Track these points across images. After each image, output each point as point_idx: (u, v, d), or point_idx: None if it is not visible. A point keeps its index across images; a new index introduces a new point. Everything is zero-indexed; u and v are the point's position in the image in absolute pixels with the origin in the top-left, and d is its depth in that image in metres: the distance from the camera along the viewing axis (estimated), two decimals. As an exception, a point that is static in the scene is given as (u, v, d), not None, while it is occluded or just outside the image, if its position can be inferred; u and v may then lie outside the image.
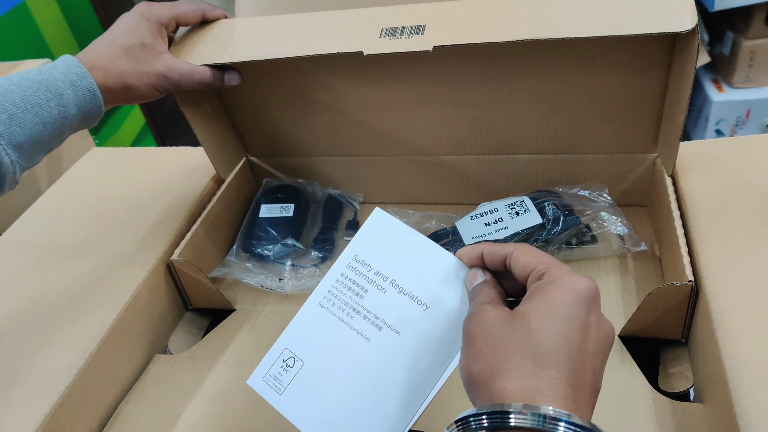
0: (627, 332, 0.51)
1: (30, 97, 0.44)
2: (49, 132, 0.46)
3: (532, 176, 0.63)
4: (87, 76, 0.47)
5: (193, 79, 0.53)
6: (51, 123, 0.45)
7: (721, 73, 1.51)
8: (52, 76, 0.46)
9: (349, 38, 0.52)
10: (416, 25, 0.50)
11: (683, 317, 0.49)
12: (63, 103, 0.46)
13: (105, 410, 0.52)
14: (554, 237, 0.57)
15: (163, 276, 0.59)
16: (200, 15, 0.57)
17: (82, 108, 0.47)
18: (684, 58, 0.48)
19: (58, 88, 0.46)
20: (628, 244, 0.57)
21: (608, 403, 0.47)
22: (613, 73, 0.54)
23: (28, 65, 0.85)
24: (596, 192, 0.59)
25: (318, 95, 0.62)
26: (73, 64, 0.47)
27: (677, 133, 0.52)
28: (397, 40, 0.50)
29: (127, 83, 0.50)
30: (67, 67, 0.47)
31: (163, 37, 0.54)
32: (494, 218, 0.58)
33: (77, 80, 0.47)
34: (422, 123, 0.62)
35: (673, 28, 0.45)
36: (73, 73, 0.47)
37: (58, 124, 0.46)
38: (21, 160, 0.45)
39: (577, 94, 0.56)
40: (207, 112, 0.63)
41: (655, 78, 0.54)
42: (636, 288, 0.56)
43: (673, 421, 0.45)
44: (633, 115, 0.57)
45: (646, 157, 0.60)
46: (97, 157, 0.78)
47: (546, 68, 0.55)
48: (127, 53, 0.50)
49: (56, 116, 0.46)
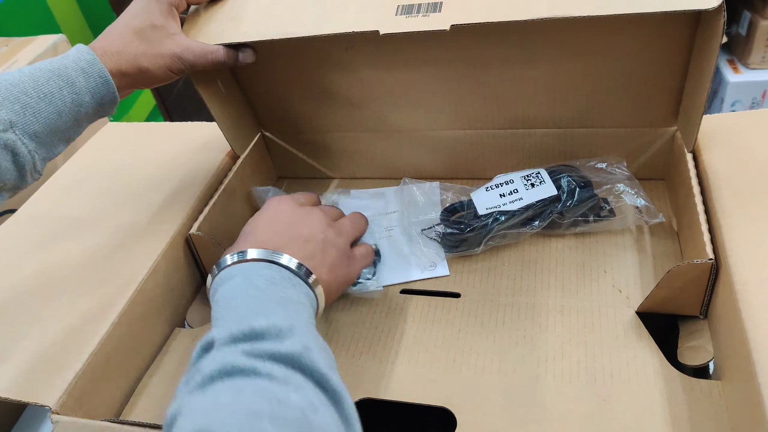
0: (645, 308, 0.51)
1: (42, 87, 0.44)
2: (65, 121, 0.46)
3: (549, 150, 0.63)
4: (97, 62, 0.47)
5: (207, 59, 0.53)
6: (66, 111, 0.46)
7: (737, 53, 1.49)
8: (63, 64, 0.46)
9: (365, 16, 0.51)
10: (433, 2, 0.50)
11: (702, 294, 0.49)
12: (76, 91, 0.46)
13: (128, 382, 0.53)
14: (569, 209, 0.57)
15: (182, 249, 0.59)
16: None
17: (95, 95, 0.47)
18: (708, 36, 0.48)
19: (70, 76, 0.46)
20: (645, 216, 0.57)
21: (625, 379, 0.47)
22: (634, 49, 0.53)
23: (42, 41, 0.85)
24: (614, 165, 0.59)
25: (333, 71, 0.62)
26: (83, 52, 0.47)
27: (699, 111, 0.51)
28: (414, 18, 0.49)
29: (141, 66, 0.50)
30: (77, 55, 0.47)
31: (175, 17, 0.53)
32: (509, 189, 0.58)
33: (88, 67, 0.47)
34: (438, 99, 0.62)
35: (699, 5, 0.43)
36: (83, 60, 0.47)
37: (73, 112, 0.46)
38: (40, 150, 0.45)
39: (596, 70, 0.56)
40: (220, 90, 0.63)
41: (677, 53, 0.53)
42: (653, 263, 0.55)
43: (690, 397, 0.45)
44: (653, 89, 0.56)
45: (665, 131, 0.59)
46: (112, 133, 0.78)
47: (564, 45, 0.54)
48: (139, 36, 0.50)
49: (70, 104, 0.46)
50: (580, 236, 0.59)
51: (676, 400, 0.45)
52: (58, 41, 0.85)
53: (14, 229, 0.64)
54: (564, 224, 0.58)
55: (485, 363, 0.50)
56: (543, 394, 0.47)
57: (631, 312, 0.52)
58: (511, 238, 0.59)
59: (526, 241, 0.60)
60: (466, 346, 0.51)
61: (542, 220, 0.58)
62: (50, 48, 0.83)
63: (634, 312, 0.52)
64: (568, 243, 0.59)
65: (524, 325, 0.52)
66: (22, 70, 0.45)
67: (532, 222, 0.58)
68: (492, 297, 0.55)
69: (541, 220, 0.58)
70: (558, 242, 0.59)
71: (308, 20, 0.52)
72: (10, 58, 0.82)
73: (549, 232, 0.59)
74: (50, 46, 0.83)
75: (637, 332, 0.50)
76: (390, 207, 0.67)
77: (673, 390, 0.45)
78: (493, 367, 0.50)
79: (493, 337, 0.52)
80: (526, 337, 0.51)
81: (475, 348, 0.51)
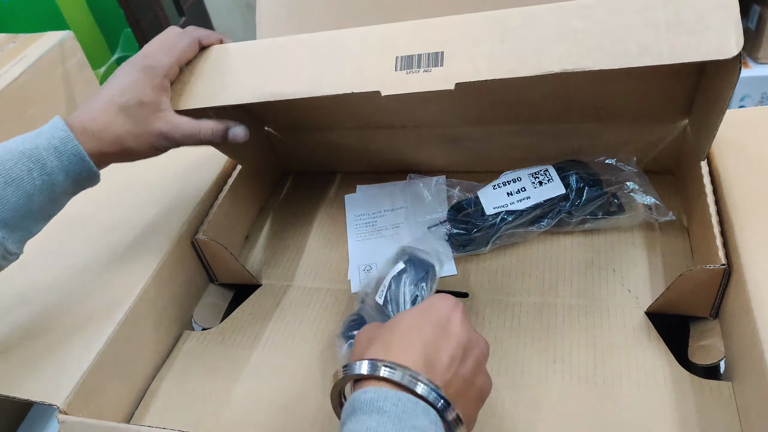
0: (654, 310, 0.51)
1: (10, 171, 0.42)
2: (37, 203, 0.43)
3: (557, 145, 0.62)
4: (71, 139, 0.43)
5: (195, 139, 0.49)
6: (37, 194, 0.43)
7: (747, 48, 1.47)
8: (35, 144, 0.43)
9: (364, 70, 0.47)
10: (433, 52, 0.46)
11: (713, 298, 0.48)
12: (47, 172, 0.43)
13: (137, 382, 0.53)
14: (578, 207, 0.57)
15: (188, 250, 0.59)
16: (197, 46, 0.51)
17: (70, 173, 0.44)
18: (724, 74, 0.44)
19: (41, 156, 0.43)
20: (655, 214, 0.56)
21: (635, 380, 0.46)
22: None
23: (49, 37, 0.84)
24: (623, 161, 0.58)
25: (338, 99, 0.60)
26: (58, 128, 0.44)
27: (712, 134, 0.49)
28: (415, 74, 0.46)
29: (124, 146, 0.47)
30: (51, 131, 0.44)
31: (165, 90, 0.49)
32: (517, 188, 0.58)
33: (61, 145, 0.43)
34: (446, 98, 0.61)
35: (715, 55, 0.39)
36: (56, 138, 0.43)
37: (47, 192, 0.43)
38: (12, 235, 0.43)
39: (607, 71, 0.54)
40: None
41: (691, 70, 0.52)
42: (663, 262, 0.55)
43: (700, 398, 0.44)
44: (665, 83, 0.55)
45: (676, 125, 0.58)
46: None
47: None
48: (124, 113, 0.46)
49: (41, 186, 0.43)
50: (588, 233, 0.59)
51: (685, 402, 0.44)
52: (65, 38, 0.85)
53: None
54: (572, 222, 0.58)
55: (493, 363, 0.49)
56: (551, 394, 0.47)
57: (640, 312, 0.51)
58: (519, 237, 0.59)
59: (534, 239, 0.59)
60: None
61: (550, 219, 0.57)
62: (57, 44, 0.83)
63: (644, 312, 0.51)
64: (577, 240, 0.58)
65: (533, 326, 0.52)
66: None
67: (540, 221, 0.58)
68: (500, 296, 0.55)
69: (549, 219, 0.57)
70: (566, 240, 0.59)
71: (305, 78, 0.48)
72: (18, 54, 0.81)
73: (557, 230, 0.59)
74: (58, 42, 0.83)
75: (647, 333, 0.49)
76: (396, 203, 0.66)
77: (683, 391, 0.45)
78: (501, 368, 0.49)
79: (501, 337, 0.51)
80: (534, 337, 0.51)
81: (482, 348, 0.50)
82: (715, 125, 0.47)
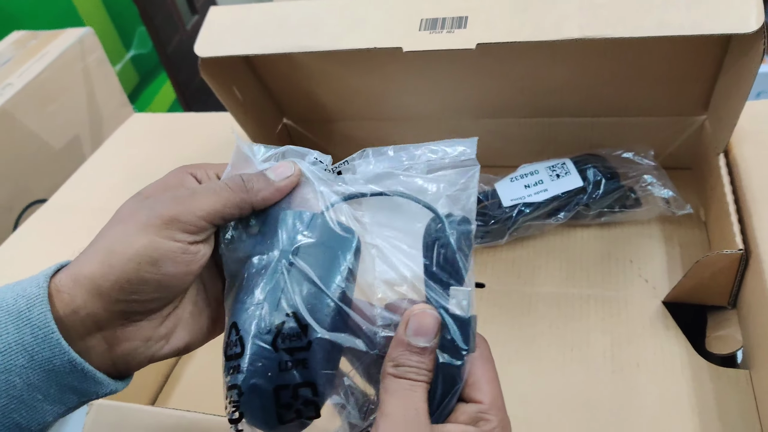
0: (672, 298, 0.51)
1: None
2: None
3: (575, 139, 0.62)
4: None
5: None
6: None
7: (763, 43, 1.46)
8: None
9: (388, 29, 0.49)
10: (458, 16, 0.48)
11: (731, 284, 0.48)
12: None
13: (161, 369, 0.54)
14: (595, 200, 0.57)
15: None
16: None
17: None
18: (746, 55, 0.45)
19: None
20: (673, 207, 0.57)
21: (653, 370, 0.47)
22: (667, 49, 0.52)
23: (69, 34, 0.86)
24: (641, 154, 0.58)
25: (356, 67, 0.62)
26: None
27: (732, 124, 0.50)
28: (438, 34, 0.48)
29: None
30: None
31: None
32: (534, 180, 0.58)
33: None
34: (462, 87, 0.62)
35: (735, 28, 0.40)
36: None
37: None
38: None
39: (627, 62, 0.55)
40: (236, 96, 0.62)
41: (712, 49, 0.51)
42: (680, 254, 0.55)
43: (717, 386, 0.45)
44: (683, 81, 0.55)
45: (694, 120, 0.58)
46: (138, 123, 0.79)
47: (591, 45, 0.53)
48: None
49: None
50: (605, 226, 0.59)
51: (703, 389, 0.45)
52: (85, 34, 0.86)
53: (44, 219, 0.65)
54: (590, 215, 0.58)
55: (510, 352, 0.50)
56: (568, 382, 0.47)
57: (657, 302, 0.51)
58: (536, 230, 0.59)
59: (550, 231, 0.60)
60: (490, 335, 0.51)
61: (567, 212, 0.58)
62: (77, 41, 0.84)
63: (661, 302, 0.51)
64: (594, 233, 0.59)
65: (549, 315, 0.52)
66: None
67: (557, 213, 0.58)
68: (517, 287, 0.55)
69: (566, 211, 0.58)
70: (583, 232, 0.59)
71: (328, 34, 0.51)
72: (40, 50, 0.83)
73: (574, 222, 0.59)
74: (78, 39, 0.85)
75: (664, 322, 0.50)
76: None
77: (700, 378, 0.45)
78: (518, 356, 0.50)
79: (519, 327, 0.52)
80: (551, 326, 0.52)
81: (500, 337, 0.51)
82: (736, 113, 0.47)
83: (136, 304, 0.29)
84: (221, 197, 0.30)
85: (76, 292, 0.29)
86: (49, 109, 0.81)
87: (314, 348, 0.27)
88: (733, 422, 0.43)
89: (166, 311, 0.31)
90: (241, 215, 0.31)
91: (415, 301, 0.29)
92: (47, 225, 0.64)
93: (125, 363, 0.30)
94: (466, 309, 0.28)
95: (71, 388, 0.29)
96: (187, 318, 0.32)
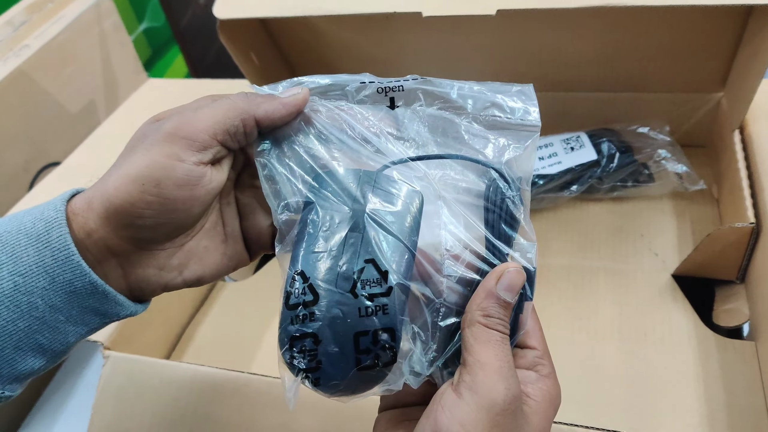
0: (682, 272, 0.52)
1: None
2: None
3: (591, 114, 0.62)
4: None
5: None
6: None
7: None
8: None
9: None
10: None
11: (741, 258, 0.49)
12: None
13: (175, 328, 0.55)
14: (608, 174, 0.57)
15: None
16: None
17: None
18: (766, 27, 0.45)
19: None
20: (686, 182, 0.57)
21: (660, 340, 0.47)
22: (687, 22, 0.52)
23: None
24: (656, 129, 0.59)
25: (374, 35, 0.62)
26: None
27: (748, 99, 0.50)
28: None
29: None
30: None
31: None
32: (548, 152, 0.58)
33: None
34: (481, 61, 0.62)
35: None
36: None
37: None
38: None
39: (645, 42, 0.55)
40: (254, 61, 0.63)
41: (731, 24, 0.51)
42: (692, 229, 0.55)
43: (723, 356, 0.45)
44: (702, 57, 0.55)
45: (711, 97, 0.58)
46: (153, 89, 0.79)
47: (612, 17, 0.53)
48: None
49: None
50: (617, 200, 0.59)
51: (709, 359, 0.45)
52: (100, -1, 0.86)
53: (57, 181, 0.66)
54: (602, 189, 0.58)
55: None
56: (577, 351, 0.48)
57: (667, 275, 0.52)
58: (549, 202, 0.59)
59: (563, 204, 0.60)
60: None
61: (581, 185, 0.58)
62: (94, 5, 0.84)
63: (671, 275, 0.52)
64: (606, 207, 0.59)
65: (559, 286, 0.53)
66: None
67: (570, 186, 0.58)
68: (527, 257, 0.56)
69: (579, 184, 0.58)
70: (596, 206, 0.59)
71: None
72: (57, 12, 0.83)
73: (587, 196, 0.59)
74: (94, 2, 0.85)
75: (673, 294, 0.50)
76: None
77: (707, 349, 0.46)
78: (527, 323, 0.50)
79: (529, 295, 0.53)
80: (561, 296, 0.52)
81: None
82: (753, 89, 0.47)
83: (145, 230, 0.29)
84: (222, 107, 0.30)
85: (89, 216, 0.29)
86: (66, 71, 0.81)
87: (394, 294, 0.27)
88: (738, 392, 0.43)
89: (179, 242, 0.31)
90: (246, 130, 0.30)
91: (478, 252, 0.29)
92: (61, 187, 0.64)
93: (140, 289, 0.31)
94: (532, 261, 0.29)
95: (93, 310, 0.29)
96: (201, 252, 0.32)
